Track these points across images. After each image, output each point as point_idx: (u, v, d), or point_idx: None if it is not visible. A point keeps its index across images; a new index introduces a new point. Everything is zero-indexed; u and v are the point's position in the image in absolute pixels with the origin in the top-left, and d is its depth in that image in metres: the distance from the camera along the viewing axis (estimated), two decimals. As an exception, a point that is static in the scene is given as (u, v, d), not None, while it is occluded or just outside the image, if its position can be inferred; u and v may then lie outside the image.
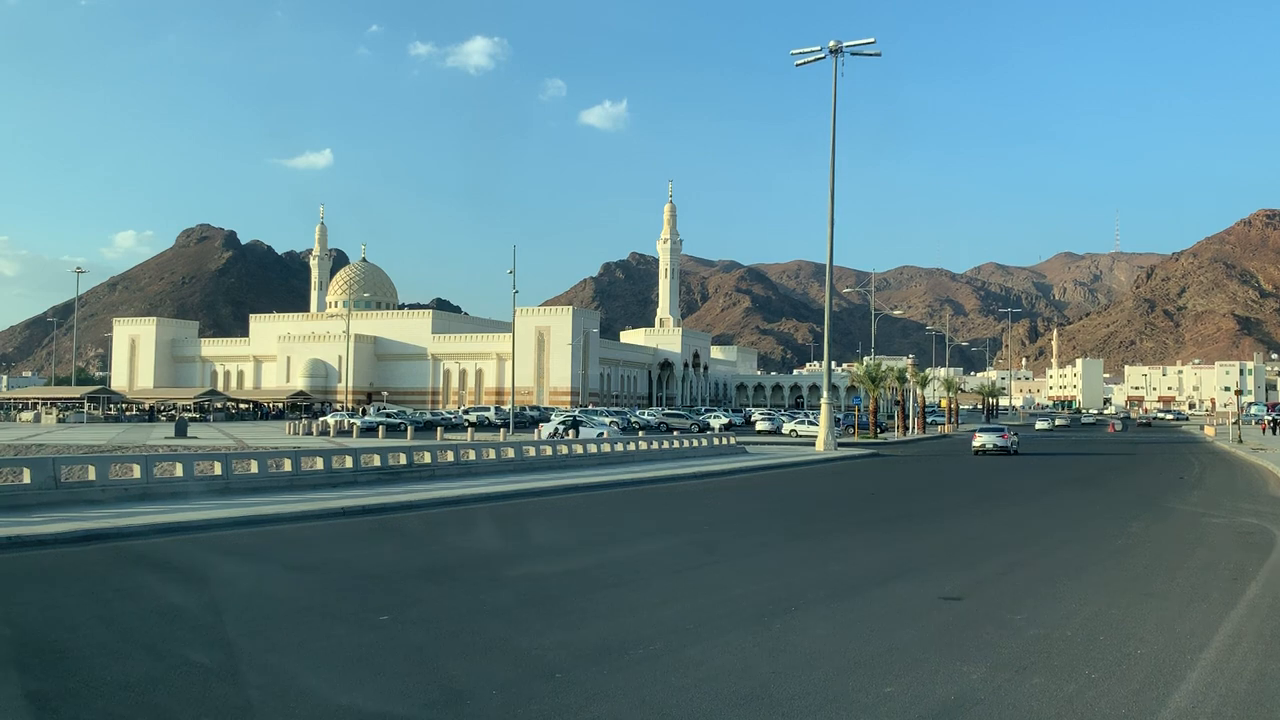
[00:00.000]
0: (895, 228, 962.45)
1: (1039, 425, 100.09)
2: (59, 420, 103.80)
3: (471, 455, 34.67)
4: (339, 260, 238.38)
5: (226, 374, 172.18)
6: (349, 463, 29.43)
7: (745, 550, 16.54)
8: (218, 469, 26.37)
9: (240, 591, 13.03)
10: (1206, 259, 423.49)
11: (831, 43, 56.61)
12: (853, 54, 56.85)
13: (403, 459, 31.47)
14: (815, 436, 61.39)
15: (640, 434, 70.62)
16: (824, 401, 57.71)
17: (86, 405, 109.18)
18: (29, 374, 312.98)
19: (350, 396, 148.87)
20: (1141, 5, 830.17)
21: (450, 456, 33.52)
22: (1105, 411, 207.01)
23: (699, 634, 10.18)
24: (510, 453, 36.57)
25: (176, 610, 11.68)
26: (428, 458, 32.45)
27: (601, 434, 58.46)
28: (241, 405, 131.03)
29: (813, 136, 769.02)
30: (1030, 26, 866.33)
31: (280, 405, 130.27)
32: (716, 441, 52.05)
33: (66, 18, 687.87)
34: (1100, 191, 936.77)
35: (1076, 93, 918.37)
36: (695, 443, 50.28)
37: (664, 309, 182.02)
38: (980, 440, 55.32)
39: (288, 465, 27.97)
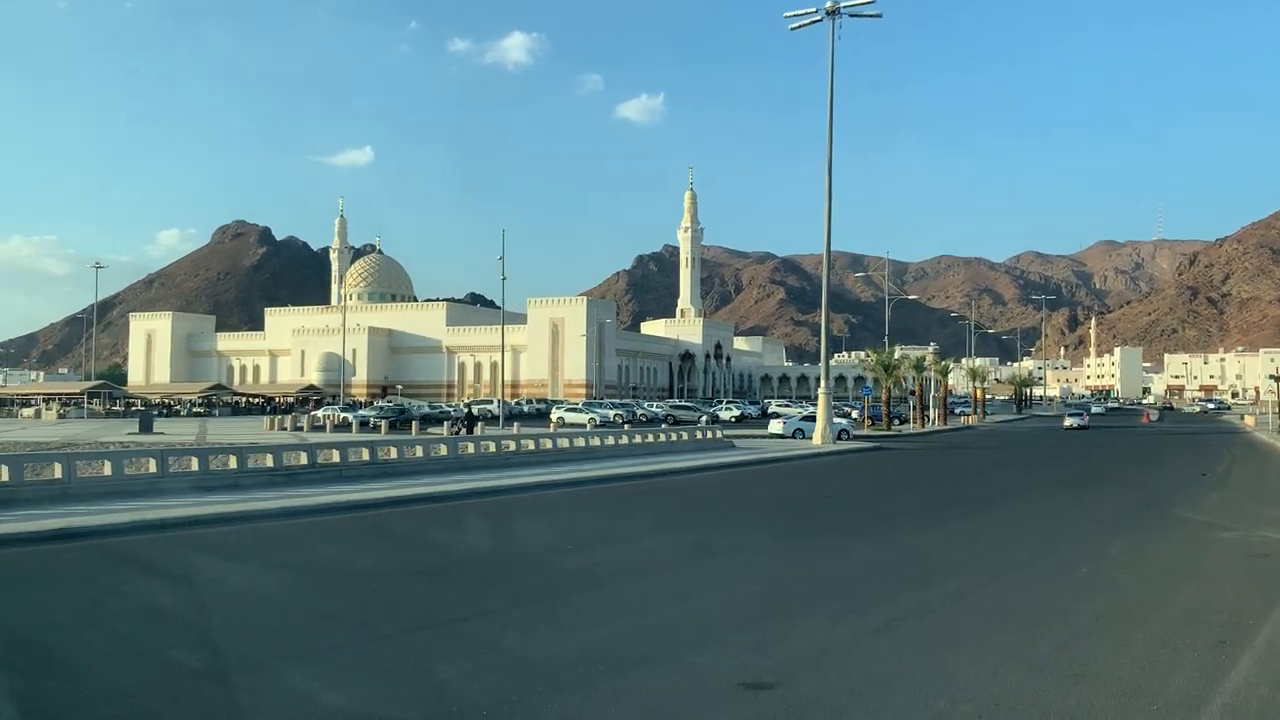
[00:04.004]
0: (933, 217, 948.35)
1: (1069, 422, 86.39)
2: (59, 416, 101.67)
3: (392, 453, 30.91)
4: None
5: (243, 368, 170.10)
6: (233, 463, 25.78)
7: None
8: (58, 472, 22.72)
9: None
10: (1252, 245, 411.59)
11: (829, 3, 52.27)
12: (850, 15, 52.35)
13: (303, 458, 27.77)
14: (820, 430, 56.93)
15: (625, 427, 66.80)
16: (821, 392, 53.51)
17: (87, 401, 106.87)
18: (64, 370, 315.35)
19: (366, 390, 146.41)
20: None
21: (365, 455, 29.70)
22: (1144, 401, 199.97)
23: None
24: (443, 450, 32.79)
25: None
26: (335, 457, 28.69)
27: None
28: (251, 399, 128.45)
29: (849, 126, 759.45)
30: (1067, 12, 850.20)
31: (289, 399, 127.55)
32: (700, 435, 48.01)
33: (113, 20, 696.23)
34: (1142, 178, 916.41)
35: (1117, 79, 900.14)
36: (676, 436, 46.56)
37: (685, 299, 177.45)
38: (1069, 421, 78.83)
39: (152, 466, 24.34)
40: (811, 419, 61.07)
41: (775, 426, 58.75)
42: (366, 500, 23.03)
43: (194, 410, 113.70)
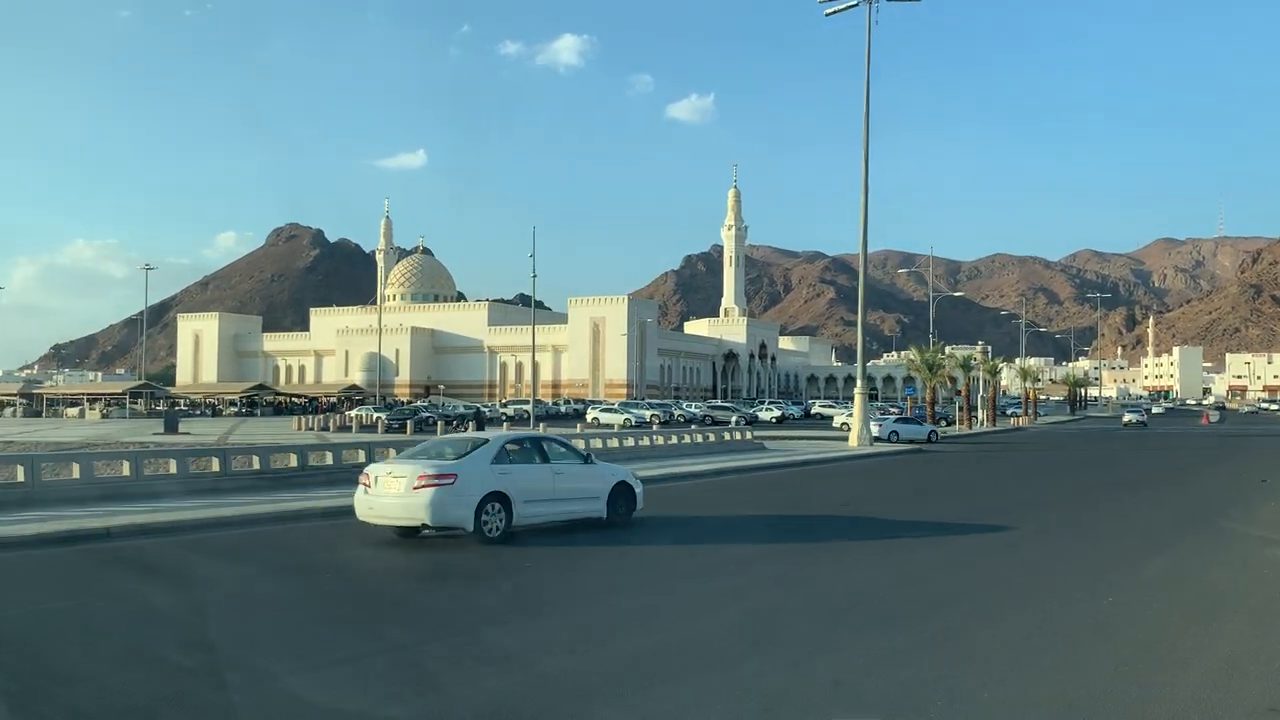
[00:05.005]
0: (988, 216, 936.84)
1: (1128, 418, 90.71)
2: (103, 416, 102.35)
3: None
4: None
5: (288, 368, 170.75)
6: (215, 465, 24.42)
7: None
8: (20, 475, 21.43)
9: None
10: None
11: (864, -13, 50.10)
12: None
13: (292, 461, 26.44)
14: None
15: (653, 428, 65.05)
16: (857, 392, 51.35)
17: (130, 401, 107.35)
18: (121, 371, 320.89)
19: (409, 390, 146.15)
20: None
21: (361, 457, 28.27)
22: (1205, 401, 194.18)
23: None
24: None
25: None
26: (328, 459, 27.37)
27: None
28: (294, 399, 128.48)
29: (901, 123, 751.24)
30: (1123, 1, 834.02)
31: (332, 399, 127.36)
32: (728, 437, 46.23)
33: (173, 28, 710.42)
34: (1202, 174, 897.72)
35: (1176, 70, 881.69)
36: (703, 438, 44.96)
37: (729, 298, 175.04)
38: (1127, 417, 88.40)
39: (125, 469, 23.04)
40: (905, 420, 58.91)
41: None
42: (343, 507, 21.41)
43: (243, 410, 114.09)
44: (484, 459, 16.11)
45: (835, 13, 50.99)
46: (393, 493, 15.65)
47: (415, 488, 15.29)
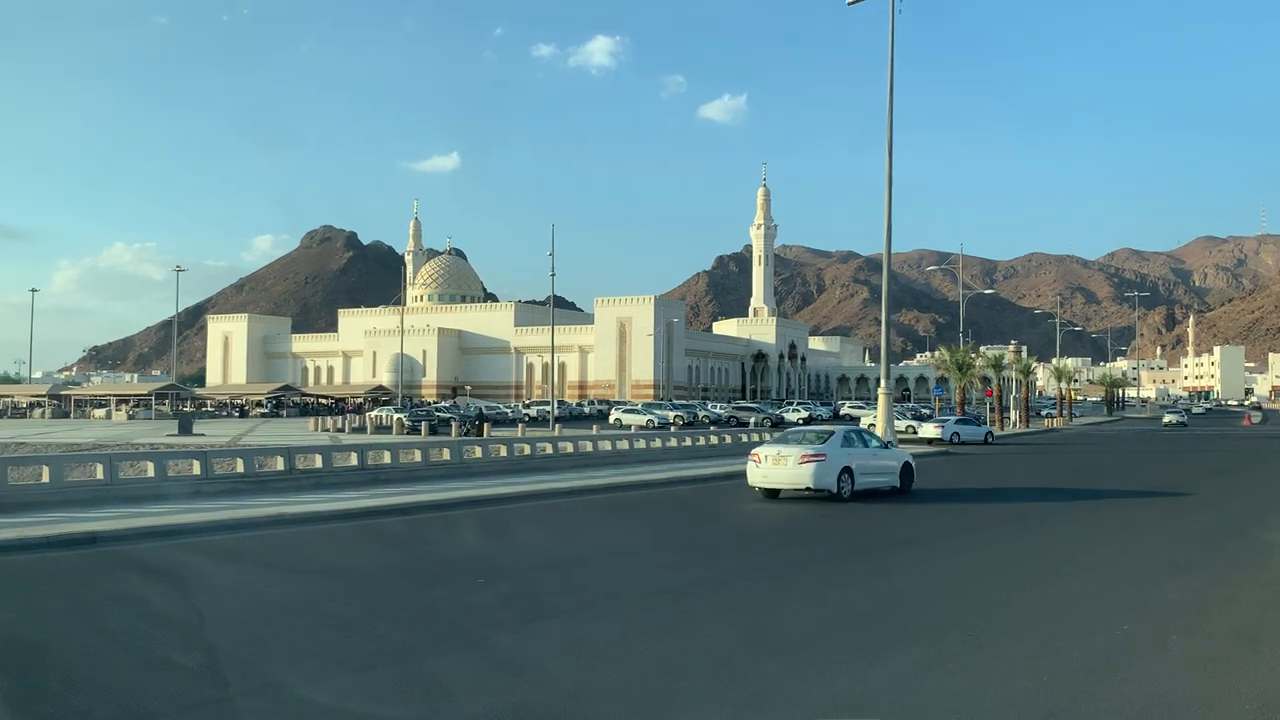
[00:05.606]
0: (1024, 215, 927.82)
1: (1168, 419, 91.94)
2: (129, 417, 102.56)
3: (386, 458, 28.39)
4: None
5: (317, 369, 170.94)
6: (196, 469, 23.43)
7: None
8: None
9: None
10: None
11: (887, -24, 48.53)
12: (910, -13, 48.59)
13: (279, 464, 25.43)
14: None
15: (672, 429, 63.63)
16: (881, 392, 49.38)
17: (155, 402, 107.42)
18: (158, 372, 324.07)
19: (435, 390, 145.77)
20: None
21: (354, 460, 27.30)
22: (1246, 402, 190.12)
23: None
24: (446, 454, 30.19)
25: None
26: (318, 462, 26.36)
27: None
28: (320, 400, 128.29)
29: (937, 125, 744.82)
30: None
31: (359, 400, 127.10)
32: (746, 439, 44.83)
33: (210, 34, 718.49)
34: (1244, 170, 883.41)
35: (1215, 67, 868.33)
36: (719, 440, 43.86)
37: (758, 298, 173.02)
38: (1168, 418, 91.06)
39: (99, 473, 22.11)
40: (965, 422, 57.64)
41: (929, 430, 53.90)
42: (316, 513, 20.12)
43: (270, 411, 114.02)
44: (837, 443, 22.97)
45: (857, 1, 49.57)
46: (782, 467, 22.51)
47: (800, 463, 22.20)
